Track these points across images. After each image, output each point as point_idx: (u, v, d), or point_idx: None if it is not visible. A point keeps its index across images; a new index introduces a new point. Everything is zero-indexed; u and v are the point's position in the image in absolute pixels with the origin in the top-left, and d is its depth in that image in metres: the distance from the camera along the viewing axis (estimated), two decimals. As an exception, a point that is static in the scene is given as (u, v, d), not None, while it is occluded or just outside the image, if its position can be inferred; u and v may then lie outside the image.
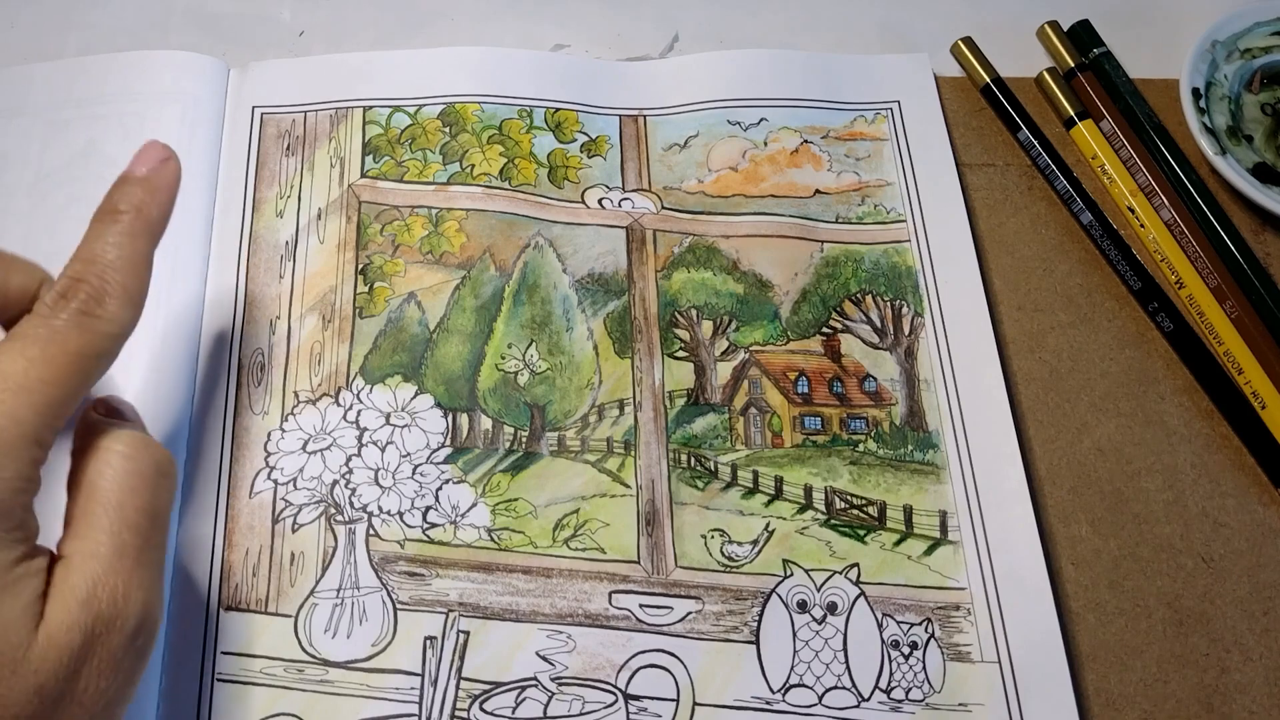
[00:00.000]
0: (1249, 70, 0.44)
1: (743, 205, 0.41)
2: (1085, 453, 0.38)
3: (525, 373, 0.38)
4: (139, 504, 0.26)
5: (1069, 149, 0.43)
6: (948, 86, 0.45)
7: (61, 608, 0.24)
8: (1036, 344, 0.40)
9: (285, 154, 0.42)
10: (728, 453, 0.37)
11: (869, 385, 0.38)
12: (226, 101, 0.43)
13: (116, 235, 0.26)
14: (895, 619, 0.34)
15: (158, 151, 0.29)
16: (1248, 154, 0.42)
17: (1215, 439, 0.38)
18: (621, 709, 0.33)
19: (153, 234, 0.28)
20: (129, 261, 0.26)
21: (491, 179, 0.41)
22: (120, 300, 0.26)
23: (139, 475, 0.26)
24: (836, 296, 0.40)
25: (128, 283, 0.26)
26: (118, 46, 0.46)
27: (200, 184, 0.41)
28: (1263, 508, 0.37)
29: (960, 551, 0.35)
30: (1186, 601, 0.35)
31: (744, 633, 0.34)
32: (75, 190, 0.41)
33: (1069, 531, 0.36)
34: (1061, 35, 0.45)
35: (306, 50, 0.46)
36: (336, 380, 0.38)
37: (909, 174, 0.42)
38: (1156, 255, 0.41)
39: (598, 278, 0.40)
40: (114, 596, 0.24)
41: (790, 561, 0.35)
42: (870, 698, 0.33)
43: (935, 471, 0.37)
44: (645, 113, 0.43)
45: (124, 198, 0.28)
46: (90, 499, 0.26)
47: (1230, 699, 0.34)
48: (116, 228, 0.27)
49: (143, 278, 0.26)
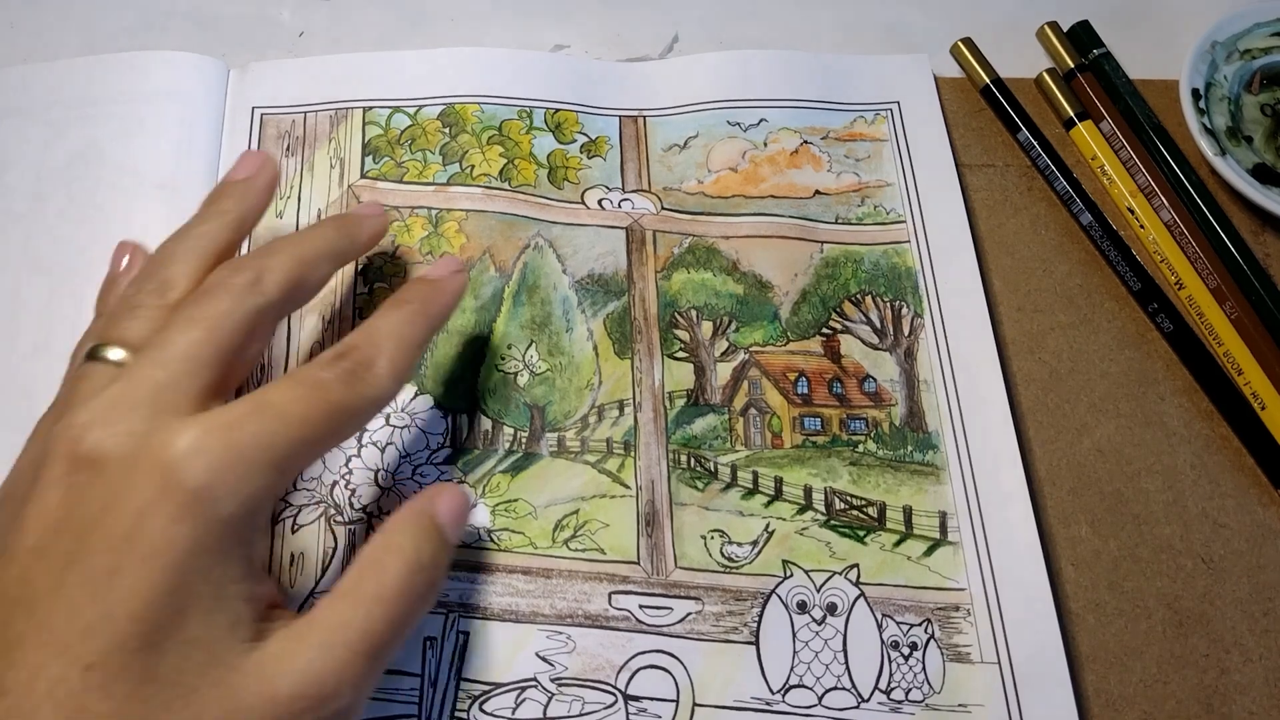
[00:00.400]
0: (1249, 71, 0.44)
1: (742, 206, 0.41)
2: (1085, 453, 0.38)
3: (525, 373, 0.38)
4: (405, 610, 0.26)
5: (1069, 150, 0.43)
6: (947, 87, 0.45)
7: (286, 647, 0.25)
8: (1036, 345, 0.40)
9: (285, 154, 0.42)
10: (727, 453, 0.37)
11: (869, 386, 0.38)
12: (226, 102, 0.43)
13: (397, 318, 0.30)
14: (895, 620, 0.34)
15: (451, 263, 0.33)
16: (1247, 155, 0.42)
17: (1215, 439, 0.38)
18: (621, 709, 0.33)
19: (431, 327, 0.31)
20: (402, 341, 0.29)
21: (491, 180, 0.42)
22: (387, 370, 0.28)
23: (420, 588, 0.27)
24: (836, 297, 0.40)
25: (397, 358, 0.29)
26: (118, 46, 0.46)
27: (200, 184, 0.41)
28: (1263, 508, 0.37)
29: (960, 552, 0.35)
30: (1186, 602, 0.35)
31: (744, 633, 0.34)
32: (75, 190, 0.41)
33: (1069, 532, 0.36)
34: (1061, 36, 0.46)
35: (306, 50, 0.46)
36: (336, 381, 0.38)
37: (909, 175, 0.42)
38: (1156, 256, 0.41)
39: (597, 278, 0.40)
40: (338, 677, 0.25)
41: (790, 562, 0.35)
42: (870, 698, 0.33)
43: (935, 472, 0.37)
44: (645, 113, 0.43)
45: (415, 292, 0.31)
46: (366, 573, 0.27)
47: (1230, 700, 0.34)
48: (399, 312, 0.30)
49: (411, 359, 0.29)
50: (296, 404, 0.26)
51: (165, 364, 0.26)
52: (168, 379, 0.26)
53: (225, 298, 0.28)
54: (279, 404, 0.26)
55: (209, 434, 0.25)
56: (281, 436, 0.25)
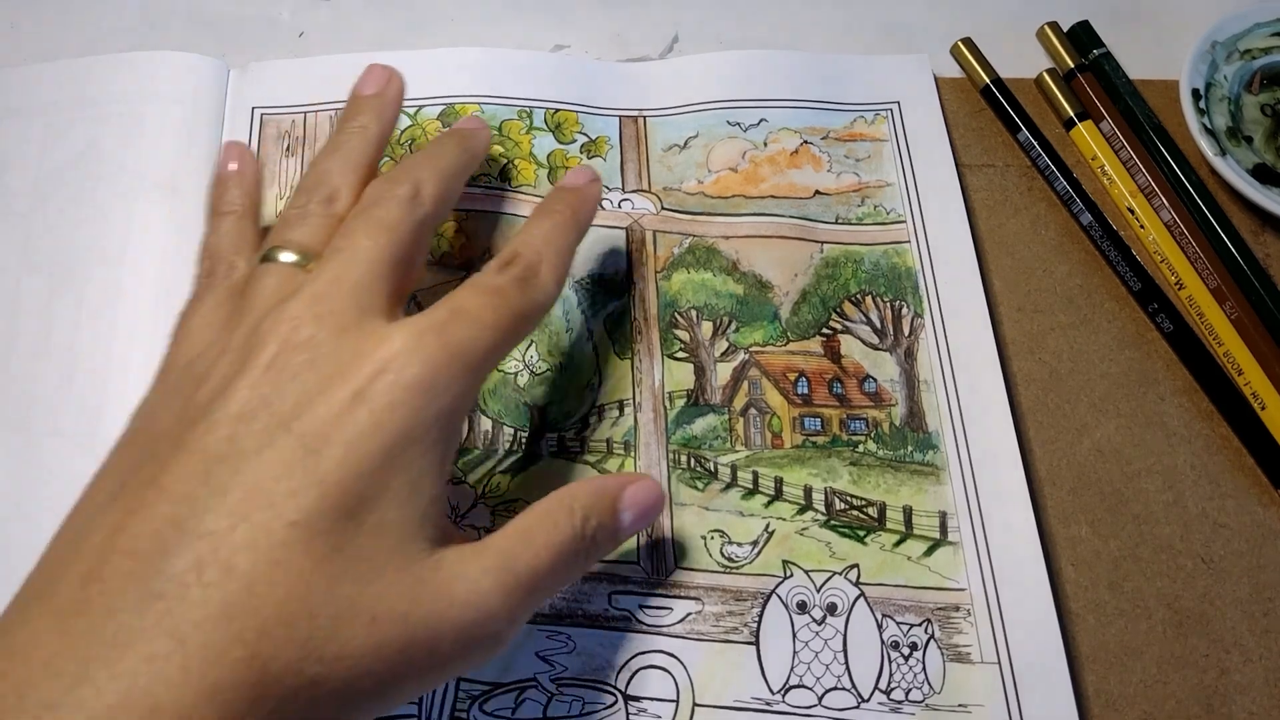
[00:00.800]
0: (1249, 71, 0.44)
1: (742, 206, 0.41)
2: (1085, 453, 0.38)
3: (525, 373, 0.38)
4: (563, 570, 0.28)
5: (1069, 150, 0.43)
6: (948, 87, 0.45)
7: (463, 556, 0.26)
8: (1036, 345, 0.40)
9: (285, 155, 0.42)
10: (727, 453, 0.37)
11: (869, 386, 0.38)
12: (226, 102, 0.43)
13: (550, 226, 0.32)
14: (895, 620, 0.34)
15: (587, 173, 0.35)
16: (1247, 155, 0.42)
17: (1215, 440, 0.38)
18: (621, 710, 0.33)
19: (579, 231, 0.33)
20: (558, 247, 0.31)
21: (491, 180, 0.41)
22: (549, 275, 0.30)
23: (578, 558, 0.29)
24: (836, 297, 0.40)
25: (556, 263, 0.31)
26: (118, 46, 0.46)
27: (200, 184, 0.41)
28: (1263, 508, 0.37)
29: (960, 552, 0.35)
30: (1186, 602, 0.35)
31: (744, 633, 0.34)
32: (75, 190, 0.41)
33: (1069, 532, 0.36)
34: (1061, 36, 0.46)
35: (306, 51, 0.46)
36: (336, 381, 0.38)
37: (909, 175, 0.42)
38: (1156, 256, 0.41)
39: (598, 278, 0.40)
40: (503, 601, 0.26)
41: (790, 562, 0.35)
42: (870, 698, 0.33)
43: (935, 472, 0.37)
44: (645, 113, 0.43)
45: (561, 201, 0.33)
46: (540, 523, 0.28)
47: (1230, 700, 0.34)
48: (550, 220, 0.32)
49: (566, 262, 0.31)
50: (486, 310, 0.28)
51: (356, 265, 0.28)
52: (361, 280, 0.28)
53: (394, 207, 0.30)
54: (473, 310, 0.27)
55: (423, 335, 0.26)
56: (480, 340, 0.27)
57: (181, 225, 0.40)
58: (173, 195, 0.40)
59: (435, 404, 0.26)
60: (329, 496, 0.24)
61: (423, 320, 0.27)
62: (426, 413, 0.25)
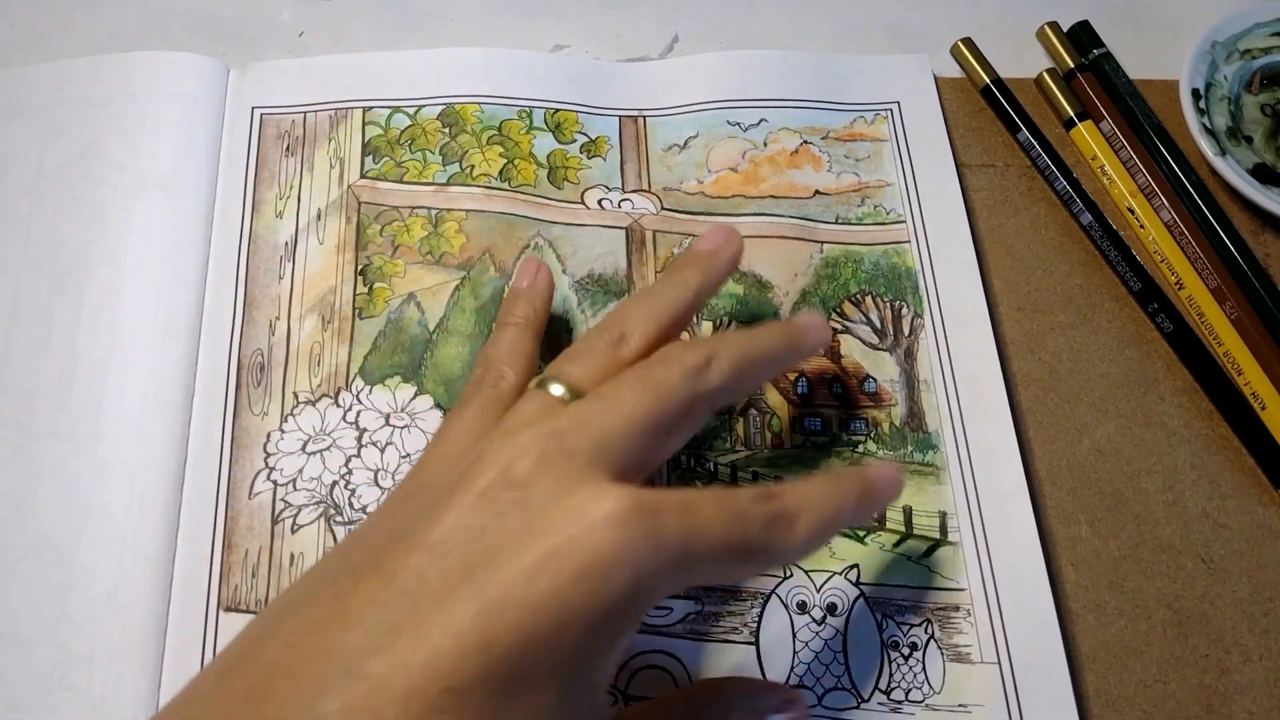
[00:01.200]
0: (1249, 71, 0.44)
1: (742, 206, 0.41)
2: (1085, 453, 0.38)
3: (525, 373, 0.38)
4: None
5: (1069, 150, 0.43)
6: (948, 87, 0.45)
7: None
8: (1036, 345, 0.40)
9: (285, 154, 0.42)
10: (727, 454, 0.37)
11: (869, 386, 0.38)
12: (226, 102, 0.43)
13: (827, 488, 0.28)
14: (895, 620, 0.34)
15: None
16: (1247, 155, 0.42)
17: (1215, 439, 0.38)
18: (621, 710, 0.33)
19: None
20: (826, 511, 0.28)
21: (491, 180, 0.41)
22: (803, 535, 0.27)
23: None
24: (836, 297, 0.40)
25: (815, 527, 0.28)
26: (118, 46, 0.46)
27: (200, 185, 0.41)
28: (1263, 508, 0.37)
29: (960, 552, 0.35)
30: (1186, 602, 0.35)
31: (743, 633, 0.34)
32: (75, 190, 0.41)
33: (1069, 532, 0.36)
34: (1061, 36, 0.46)
35: (306, 50, 0.46)
36: (336, 381, 0.38)
37: (909, 175, 0.42)
38: (1156, 256, 0.41)
39: (597, 278, 0.40)
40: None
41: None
42: (870, 699, 0.33)
43: (935, 472, 0.37)
44: (645, 113, 0.43)
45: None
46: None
47: (1230, 700, 0.34)
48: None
49: (826, 535, 0.28)
50: (718, 524, 0.25)
51: (612, 415, 0.27)
52: (606, 432, 0.26)
53: (677, 372, 0.28)
54: (706, 516, 0.25)
55: (638, 513, 0.24)
56: (696, 545, 0.25)
57: (181, 225, 0.40)
58: (173, 195, 0.40)
59: (621, 588, 0.24)
60: (492, 666, 0.23)
61: (648, 496, 0.25)
62: (609, 596, 0.23)
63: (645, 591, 0.24)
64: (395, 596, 0.23)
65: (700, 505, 0.25)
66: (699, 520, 0.25)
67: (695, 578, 0.26)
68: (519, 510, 0.24)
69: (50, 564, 0.34)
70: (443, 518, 0.25)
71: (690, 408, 0.28)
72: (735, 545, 0.26)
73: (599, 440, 0.26)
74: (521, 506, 0.25)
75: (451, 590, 0.23)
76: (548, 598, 0.23)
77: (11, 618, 0.34)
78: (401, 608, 0.23)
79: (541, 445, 0.26)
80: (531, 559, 0.23)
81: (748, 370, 0.30)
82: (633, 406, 0.27)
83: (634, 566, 0.24)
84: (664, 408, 0.27)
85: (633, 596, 0.24)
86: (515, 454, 0.25)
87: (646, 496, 0.25)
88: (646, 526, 0.24)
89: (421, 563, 0.24)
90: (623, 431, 0.26)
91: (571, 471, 0.25)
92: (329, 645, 0.23)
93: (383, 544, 0.25)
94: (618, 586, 0.23)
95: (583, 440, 0.26)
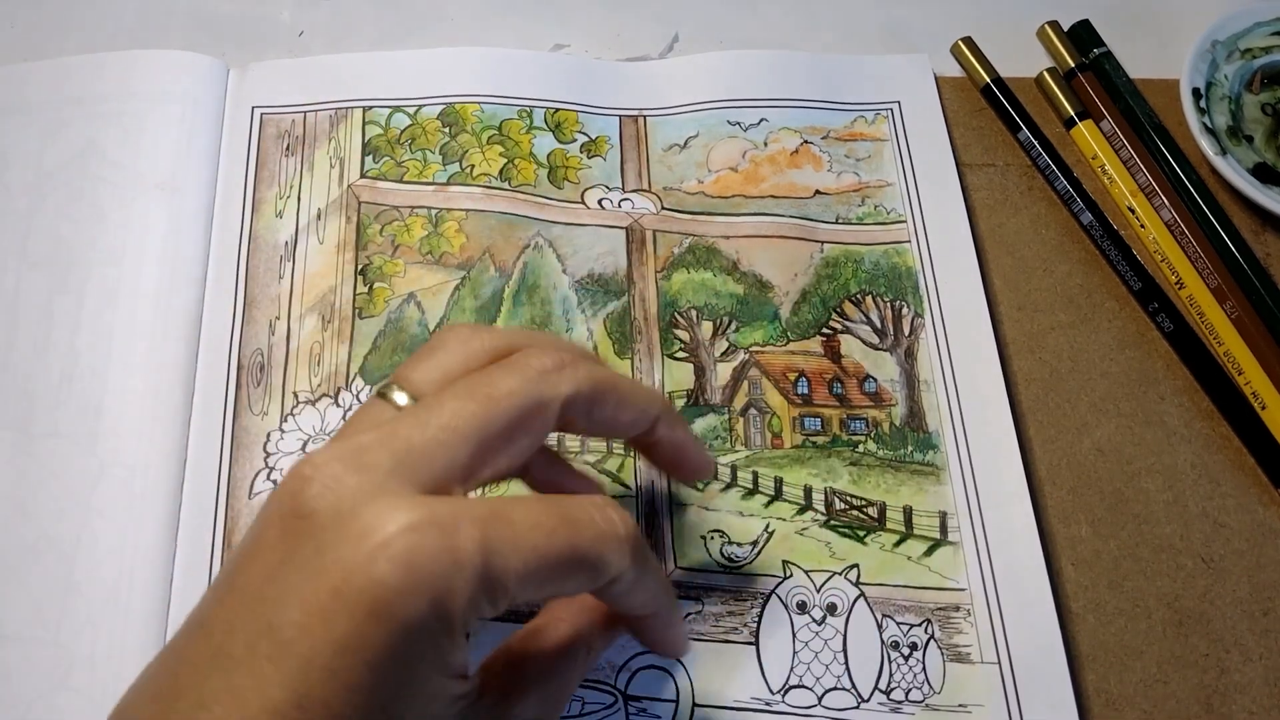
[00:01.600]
0: (1249, 70, 0.44)
1: (743, 206, 0.41)
2: (1085, 453, 0.38)
3: (525, 373, 0.38)
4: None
5: (1069, 149, 0.43)
6: (948, 86, 0.45)
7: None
8: (1036, 344, 0.40)
9: (285, 154, 0.42)
10: (727, 453, 0.37)
11: (869, 386, 0.38)
12: (226, 101, 0.43)
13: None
14: (895, 620, 0.34)
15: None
16: (1248, 154, 0.42)
17: (1215, 439, 0.38)
18: (621, 710, 0.33)
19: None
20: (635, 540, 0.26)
21: (491, 179, 0.41)
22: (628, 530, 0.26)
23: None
24: (836, 297, 0.40)
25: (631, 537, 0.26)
26: (118, 46, 0.45)
27: (200, 184, 0.41)
28: (1263, 508, 0.37)
29: (960, 552, 0.35)
30: (1186, 602, 0.35)
31: (743, 633, 0.34)
32: (75, 190, 0.41)
33: (1069, 532, 0.36)
34: (1061, 35, 0.45)
35: (306, 50, 0.46)
36: (336, 381, 0.38)
37: (909, 174, 0.42)
38: (1157, 255, 0.41)
39: (597, 278, 0.40)
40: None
41: (790, 562, 0.35)
42: (870, 699, 0.33)
43: (935, 472, 0.37)
44: (645, 113, 0.43)
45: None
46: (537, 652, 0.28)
47: (1230, 699, 0.34)
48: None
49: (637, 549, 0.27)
50: (536, 533, 0.23)
51: (426, 426, 0.24)
52: (418, 443, 0.24)
53: (518, 377, 0.26)
54: (518, 524, 0.23)
55: (428, 526, 0.22)
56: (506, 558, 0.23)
57: (181, 225, 0.40)
58: (173, 195, 0.40)
59: (419, 614, 0.22)
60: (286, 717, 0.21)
61: (444, 506, 0.23)
62: (409, 625, 0.22)
63: (453, 611, 0.22)
64: (211, 658, 0.22)
65: (512, 514, 0.23)
66: (508, 530, 0.23)
67: (521, 592, 0.23)
68: (309, 541, 0.23)
69: (50, 564, 0.34)
70: (248, 557, 0.24)
71: (529, 414, 0.26)
72: (559, 556, 0.24)
73: (402, 453, 0.24)
74: (311, 536, 0.23)
75: (254, 647, 0.22)
76: (347, 640, 0.22)
77: (12, 618, 0.34)
78: (217, 673, 0.22)
79: (337, 465, 0.23)
80: (320, 600, 0.22)
81: (605, 394, 0.27)
82: (453, 414, 0.25)
83: (429, 589, 0.22)
84: (492, 414, 0.25)
85: (440, 618, 0.22)
86: (307, 475, 0.23)
87: (441, 507, 0.23)
88: (438, 542, 0.22)
89: (230, 615, 0.23)
90: (436, 442, 0.24)
91: (366, 489, 0.23)
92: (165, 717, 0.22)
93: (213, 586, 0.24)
94: (415, 614, 0.22)
95: (383, 454, 0.24)
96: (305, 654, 0.22)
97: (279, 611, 0.22)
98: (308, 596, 0.22)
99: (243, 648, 0.22)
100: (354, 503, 0.23)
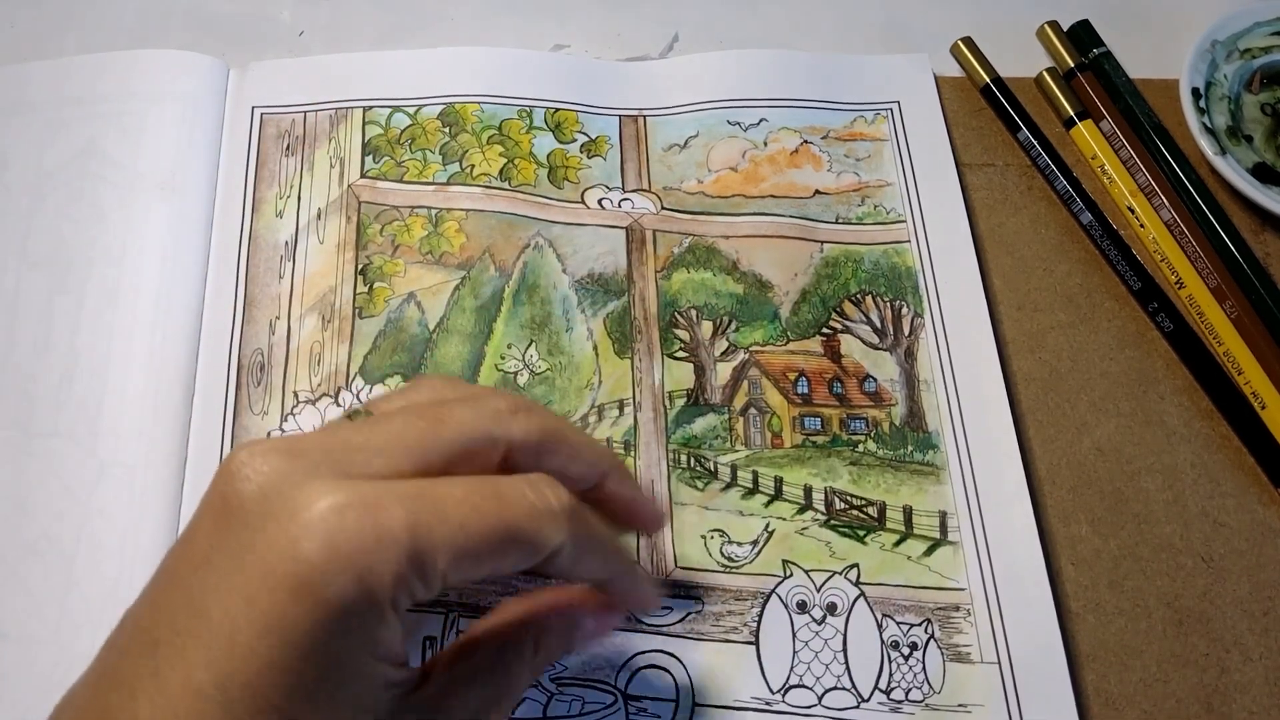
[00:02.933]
0: (1249, 70, 0.44)
1: (743, 205, 0.41)
2: (1085, 453, 0.38)
3: (525, 373, 0.38)
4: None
5: (1069, 149, 0.43)
6: (948, 86, 0.45)
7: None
8: (1036, 344, 0.40)
9: (285, 154, 0.42)
10: (727, 453, 0.37)
11: (869, 386, 0.38)
12: (226, 101, 0.43)
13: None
14: (895, 619, 0.34)
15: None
16: (1248, 154, 0.42)
17: (1215, 439, 0.38)
18: (621, 709, 0.33)
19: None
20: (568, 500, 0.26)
21: (491, 179, 0.41)
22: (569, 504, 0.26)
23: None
24: (836, 297, 0.40)
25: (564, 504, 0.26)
26: (118, 45, 0.46)
27: (200, 184, 0.41)
28: (1263, 508, 0.37)
29: (960, 552, 0.35)
30: (1186, 601, 0.35)
31: (743, 633, 0.34)
32: (75, 189, 0.41)
33: (1069, 531, 0.36)
34: (1061, 35, 0.45)
35: (306, 50, 0.46)
36: (336, 380, 0.38)
37: (909, 174, 0.42)
38: (1156, 255, 0.41)
39: (597, 278, 0.40)
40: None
41: (790, 562, 0.35)
42: (870, 698, 0.33)
43: (935, 472, 0.37)
44: (645, 113, 0.43)
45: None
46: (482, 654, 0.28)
47: (1230, 699, 0.34)
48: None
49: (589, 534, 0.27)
50: (465, 510, 0.23)
51: (370, 434, 0.25)
52: (355, 443, 0.24)
53: (467, 410, 0.26)
54: (448, 502, 0.23)
55: (352, 507, 0.22)
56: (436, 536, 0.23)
57: (181, 224, 0.40)
58: (173, 195, 0.40)
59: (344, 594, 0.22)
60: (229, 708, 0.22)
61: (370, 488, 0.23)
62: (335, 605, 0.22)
63: (378, 589, 0.22)
64: (141, 645, 0.23)
65: (440, 492, 0.23)
66: (436, 507, 0.23)
67: (455, 571, 0.23)
68: (239, 527, 0.23)
69: (50, 564, 0.34)
70: (182, 547, 0.24)
71: (474, 447, 0.26)
72: (490, 532, 0.24)
73: (338, 450, 0.24)
74: (241, 522, 0.23)
75: (180, 630, 0.22)
76: (270, 619, 0.22)
77: (12, 617, 0.34)
78: (144, 659, 0.23)
79: (272, 455, 0.24)
80: (246, 582, 0.22)
81: (556, 445, 0.27)
82: (401, 425, 0.25)
83: (353, 567, 0.22)
84: (439, 434, 0.25)
85: (366, 596, 0.22)
86: (239, 464, 0.24)
87: (368, 489, 0.23)
88: (363, 520, 0.22)
89: (162, 602, 0.23)
90: (375, 448, 0.24)
91: (295, 476, 0.23)
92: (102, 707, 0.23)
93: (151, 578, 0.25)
94: (339, 593, 0.22)
95: (316, 449, 0.24)
96: (228, 634, 0.22)
97: (206, 595, 0.23)
98: (235, 580, 0.22)
99: (169, 631, 0.23)
100: (281, 488, 0.23)
